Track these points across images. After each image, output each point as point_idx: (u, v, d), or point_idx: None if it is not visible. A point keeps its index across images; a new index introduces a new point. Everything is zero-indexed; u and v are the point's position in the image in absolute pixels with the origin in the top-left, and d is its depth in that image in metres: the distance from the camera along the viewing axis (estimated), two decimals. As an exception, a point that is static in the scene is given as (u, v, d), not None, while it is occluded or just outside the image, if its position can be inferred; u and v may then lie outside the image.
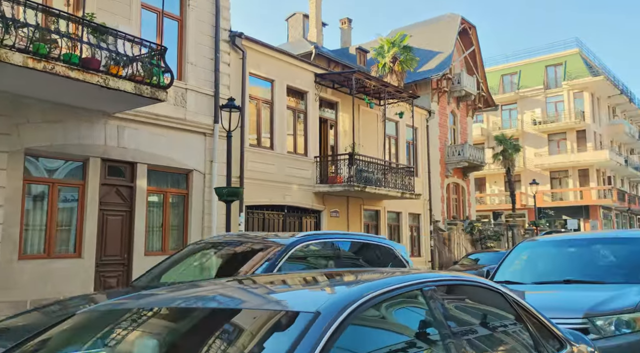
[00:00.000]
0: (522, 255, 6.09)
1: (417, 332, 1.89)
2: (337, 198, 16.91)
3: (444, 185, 29.92)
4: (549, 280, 5.31)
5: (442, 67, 30.05)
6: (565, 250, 5.87)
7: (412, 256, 20.85)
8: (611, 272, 5.28)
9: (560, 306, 4.54)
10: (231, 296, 1.91)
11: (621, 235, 6.03)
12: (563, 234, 6.47)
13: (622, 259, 5.47)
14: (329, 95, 17.35)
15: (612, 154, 41.60)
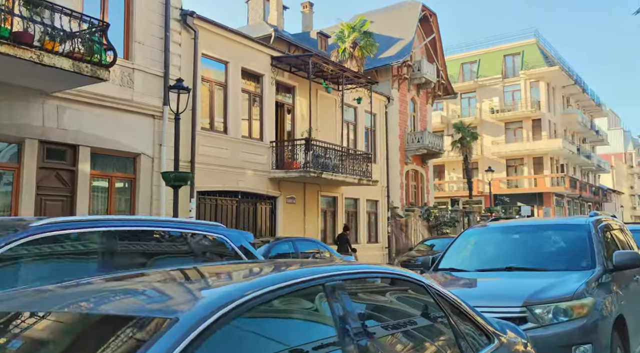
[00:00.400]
0: (468, 242, 6.01)
1: (312, 334, 1.66)
2: (293, 185, 16.66)
3: (403, 172, 30.10)
4: (493, 267, 5.24)
5: (403, 54, 30.04)
6: (510, 237, 5.82)
7: (370, 242, 20.91)
8: (553, 259, 5.25)
9: (500, 294, 4.45)
10: (80, 299, 1.61)
11: (563, 222, 6.02)
12: (508, 221, 6.43)
13: (564, 246, 5.46)
14: (286, 79, 16.98)
15: (565, 142, 42.87)
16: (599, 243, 5.16)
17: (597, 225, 5.55)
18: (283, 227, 16.15)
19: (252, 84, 15.91)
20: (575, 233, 5.47)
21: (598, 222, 5.68)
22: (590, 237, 5.22)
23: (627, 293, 5.09)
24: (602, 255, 5.05)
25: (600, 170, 54.80)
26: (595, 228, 5.43)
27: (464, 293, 4.72)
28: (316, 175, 15.31)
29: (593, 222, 5.54)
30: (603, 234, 5.63)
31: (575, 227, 5.59)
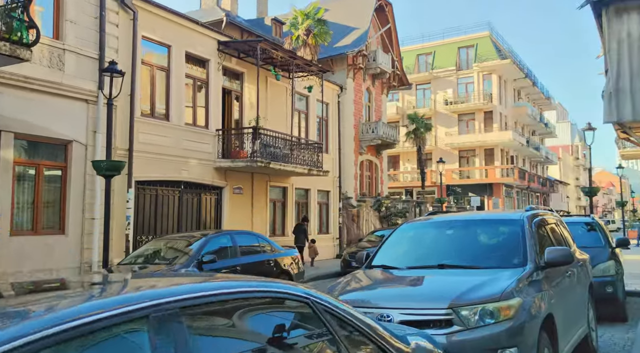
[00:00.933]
0: (403, 237, 5.78)
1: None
2: (241, 174, 16.18)
3: (358, 162, 30.03)
4: (424, 264, 5.02)
5: (358, 43, 29.81)
6: (444, 232, 5.62)
7: (321, 233, 20.69)
8: (486, 256, 5.08)
9: (426, 295, 4.23)
10: None
11: (498, 217, 5.88)
12: (445, 215, 6.24)
13: (497, 242, 5.30)
14: (234, 65, 16.40)
15: (515, 134, 43.93)
16: (532, 240, 5.02)
17: (532, 220, 5.42)
18: (229, 218, 15.67)
19: (198, 69, 15.26)
20: (509, 229, 5.32)
21: (533, 216, 5.55)
22: (524, 233, 5.07)
23: (558, 290, 4.98)
24: (535, 251, 4.90)
25: (548, 161, 56.64)
26: (530, 223, 5.29)
27: (390, 294, 4.49)
28: (264, 165, 14.89)
29: (527, 217, 5.40)
30: (537, 229, 5.50)
31: (509, 222, 5.44)
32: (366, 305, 4.18)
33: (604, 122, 12.93)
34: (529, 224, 5.27)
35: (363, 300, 4.32)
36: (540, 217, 5.82)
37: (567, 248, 4.88)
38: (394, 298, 4.24)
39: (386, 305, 4.08)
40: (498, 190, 42.78)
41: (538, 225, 5.61)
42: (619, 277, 8.65)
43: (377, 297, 4.35)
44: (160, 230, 13.42)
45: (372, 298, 4.33)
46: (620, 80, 12.73)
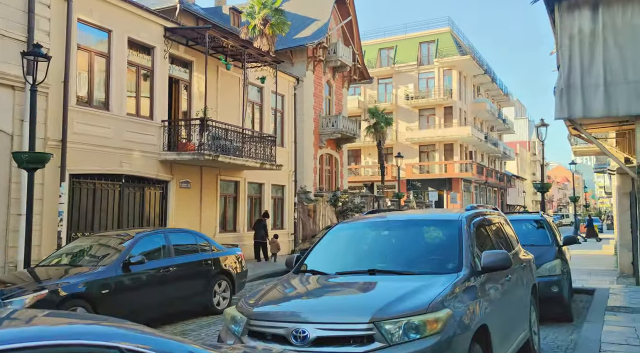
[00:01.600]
0: (336, 239, 5.35)
1: None
2: (188, 168, 15.46)
3: (317, 156, 29.65)
4: (355, 269, 4.60)
5: (318, 35, 29.33)
6: (380, 233, 5.22)
7: (275, 229, 20.16)
8: (420, 260, 4.70)
9: (347, 308, 3.80)
10: None
11: (436, 217, 5.51)
12: (384, 214, 5.84)
13: (434, 245, 4.92)
14: (182, 53, 15.62)
15: (474, 130, 44.43)
16: (469, 242, 4.66)
17: (471, 220, 5.07)
18: (176, 214, 14.96)
19: (142, 56, 14.43)
20: (446, 231, 4.95)
21: (472, 217, 5.21)
22: (460, 235, 4.72)
23: (496, 296, 4.65)
24: (472, 255, 4.55)
25: (506, 157, 57.71)
26: (468, 224, 4.94)
27: (308, 305, 4.03)
28: (211, 158, 14.24)
29: (466, 218, 5.05)
30: (477, 231, 5.17)
31: (446, 224, 5.07)
32: (281, 319, 3.73)
33: (555, 119, 12.87)
34: (467, 225, 4.92)
35: (279, 313, 3.86)
36: (481, 217, 5.49)
37: (505, 252, 4.54)
38: (312, 310, 3.80)
39: (302, 319, 3.64)
40: (457, 185, 43.23)
41: (478, 226, 5.28)
42: (565, 276, 8.50)
43: (295, 309, 3.89)
44: (99, 227, 12.63)
45: (289, 311, 3.87)
46: (571, 76, 12.68)
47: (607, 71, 12.07)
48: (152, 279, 7.94)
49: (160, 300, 7.97)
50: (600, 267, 16.21)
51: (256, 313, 3.85)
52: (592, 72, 12.25)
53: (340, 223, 5.61)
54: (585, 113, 12.15)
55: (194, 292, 8.60)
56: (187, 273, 8.57)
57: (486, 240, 5.43)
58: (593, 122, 13.68)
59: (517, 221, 10.30)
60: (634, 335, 6.76)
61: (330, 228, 5.59)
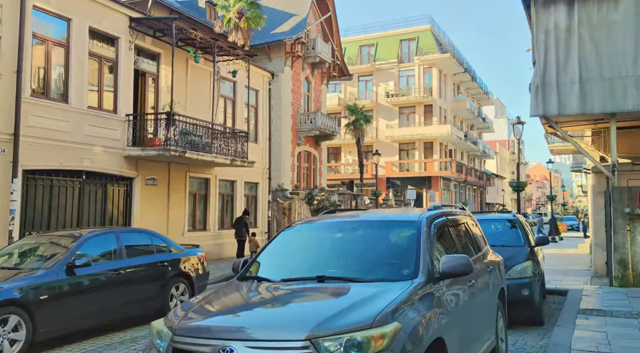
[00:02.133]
0: (288, 241, 4.91)
1: None
2: (155, 164, 14.88)
3: (295, 153, 29.21)
4: (302, 276, 4.17)
5: (297, 30, 28.89)
6: (333, 235, 4.79)
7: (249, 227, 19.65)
8: (374, 266, 4.28)
9: (284, 322, 3.36)
10: None
11: (395, 217, 5.10)
12: (342, 214, 5.41)
13: (390, 249, 4.51)
14: (149, 45, 15.00)
15: (453, 128, 44.39)
16: (428, 245, 4.27)
17: (432, 221, 4.68)
18: (141, 212, 14.37)
19: (105, 47, 13.79)
20: (404, 233, 4.55)
21: (434, 217, 4.81)
22: (419, 238, 4.32)
23: (456, 305, 4.27)
24: (430, 259, 4.16)
25: (485, 156, 57.91)
26: (428, 225, 4.54)
27: (240, 319, 3.56)
28: (178, 154, 13.68)
29: (427, 218, 4.65)
30: (439, 233, 4.78)
31: (405, 225, 4.67)
32: (207, 335, 3.27)
33: (531, 116, 12.60)
34: (427, 227, 4.53)
35: (205, 328, 3.40)
36: (444, 217, 5.10)
37: (465, 256, 4.14)
38: (244, 326, 3.35)
39: (231, 336, 3.19)
40: (436, 184, 43.15)
41: (440, 227, 4.89)
42: (536, 278, 8.19)
43: (224, 324, 3.44)
44: (56, 226, 12.00)
45: (217, 326, 3.42)
46: (546, 72, 12.40)
47: (583, 68, 11.86)
48: (100, 283, 7.41)
49: (109, 306, 7.44)
50: (575, 267, 16.10)
51: (181, 328, 3.39)
52: (568, 68, 12.02)
53: (294, 224, 5.17)
54: (560, 110, 11.91)
55: (147, 296, 8.09)
56: (140, 276, 8.05)
57: (450, 242, 5.06)
58: (568, 119, 13.49)
59: (489, 221, 10.02)
60: (605, 340, 6.46)
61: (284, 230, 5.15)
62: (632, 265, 11.69)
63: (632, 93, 11.46)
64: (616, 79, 11.67)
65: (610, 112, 11.79)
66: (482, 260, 5.74)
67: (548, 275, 13.98)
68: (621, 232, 11.89)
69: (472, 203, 53.78)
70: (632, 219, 11.74)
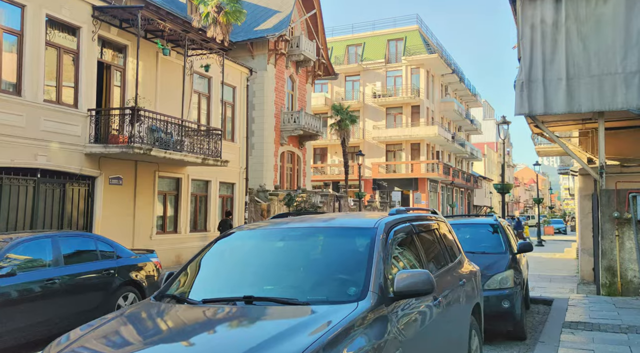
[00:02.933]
0: (221, 251, 4.14)
1: None
2: (120, 163, 14.02)
3: (278, 153, 28.47)
4: (229, 295, 3.40)
5: (280, 27, 28.14)
6: (275, 245, 4.03)
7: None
8: (318, 283, 3.53)
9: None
10: None
11: (348, 224, 4.30)
12: (289, 219, 4.64)
13: (337, 262, 3.74)
14: (115, 36, 14.15)
15: (441, 129, 43.85)
16: (381, 258, 3.52)
17: (391, 228, 3.93)
18: (104, 213, 13.50)
19: (65, 37, 12.92)
20: (356, 242, 3.80)
21: (394, 223, 4.07)
22: (372, 249, 3.57)
23: (417, 331, 3.53)
24: (383, 276, 3.41)
25: (473, 158, 57.50)
26: (386, 233, 3.80)
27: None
28: (143, 151, 12.84)
29: (385, 224, 3.90)
30: (399, 242, 4.04)
31: (357, 233, 3.91)
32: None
33: (515, 115, 11.90)
34: (384, 235, 3.78)
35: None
36: (407, 223, 4.36)
37: (425, 272, 3.40)
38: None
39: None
40: (423, 185, 42.57)
41: (402, 236, 4.15)
42: (518, 288, 7.49)
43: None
44: (6, 228, 11.11)
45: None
46: (532, 69, 11.71)
47: (570, 64, 11.24)
48: (31, 295, 6.58)
49: (40, 320, 6.62)
50: (561, 273, 15.49)
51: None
52: (554, 65, 11.40)
53: (233, 231, 4.39)
54: (546, 109, 11.27)
55: (89, 308, 7.26)
56: (80, 285, 7.22)
57: (414, 253, 4.32)
58: (555, 119, 12.87)
59: (468, 226, 9.33)
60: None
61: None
62: (621, 273, 11.07)
63: (621, 91, 10.86)
64: (605, 75, 11.08)
65: (599, 111, 11.18)
66: (454, 272, 5.02)
67: (533, 281, 13.36)
68: (609, 237, 11.28)
69: (459, 205, 53.32)
70: (620, 224, 11.13)
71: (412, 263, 4.14)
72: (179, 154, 14.17)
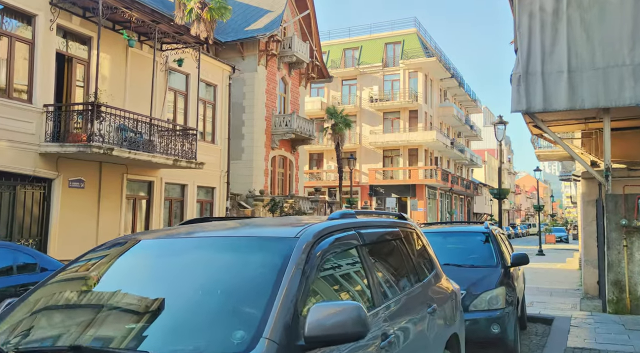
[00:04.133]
0: (74, 275, 2.94)
1: None
2: (82, 164, 12.87)
3: (269, 157, 27.41)
4: (51, 344, 2.24)
5: (271, 27, 27.11)
6: (148, 265, 2.85)
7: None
8: (191, 323, 2.33)
9: None
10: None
11: (265, 233, 3.04)
12: (198, 226, 3.43)
13: (233, 288, 2.54)
14: (78, 27, 13.05)
15: (439, 135, 42.73)
16: (295, 285, 2.35)
17: (320, 240, 2.76)
18: (62, 219, 12.33)
19: (18, 25, 11.83)
20: (263, 261, 2.61)
21: (326, 233, 2.88)
22: (281, 272, 2.40)
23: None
24: (291, 314, 2.24)
25: (473, 164, 56.30)
26: (309, 248, 2.62)
27: None
28: (103, 151, 11.69)
29: (313, 234, 2.73)
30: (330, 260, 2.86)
31: (268, 247, 2.73)
32: None
33: (512, 112, 10.71)
34: (308, 249, 2.61)
35: None
36: (350, 232, 3.17)
37: (354, 307, 2.22)
38: None
39: None
40: (421, 192, 41.39)
41: (341, 249, 2.98)
42: (511, 309, 6.29)
43: None
44: (-57, 234, 9.96)
45: None
46: (530, 61, 10.52)
47: (572, 55, 10.13)
48: None
49: None
50: (563, 286, 14.27)
51: None
52: (555, 56, 10.28)
53: (100, 246, 3.19)
54: (545, 105, 10.13)
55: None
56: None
57: (357, 275, 3.13)
58: (555, 118, 11.73)
59: (455, 235, 8.15)
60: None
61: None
62: (630, 288, 9.86)
63: (629, 84, 9.73)
64: (611, 68, 9.97)
65: (604, 107, 10.04)
66: (422, 296, 3.84)
67: (531, 295, 12.17)
68: (616, 248, 10.08)
69: (458, 213, 52.07)
70: (629, 232, 9.94)
71: (349, 290, 2.96)
72: (145, 154, 13.03)
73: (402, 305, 3.39)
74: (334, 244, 2.88)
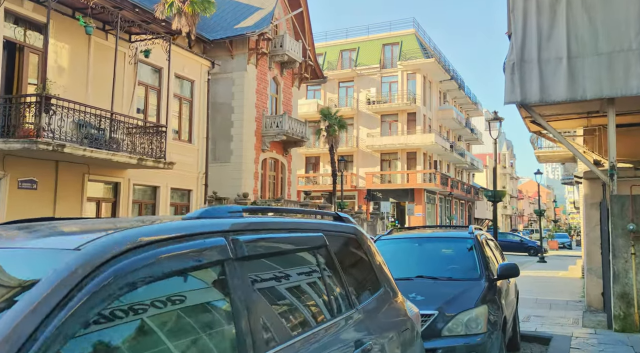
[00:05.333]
0: None
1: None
2: (35, 162, 11.75)
3: (260, 160, 26.33)
4: None
5: (261, 25, 26.04)
6: None
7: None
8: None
9: None
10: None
11: (36, 245, 1.97)
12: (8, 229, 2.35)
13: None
14: (30, 12, 11.96)
15: (438, 138, 41.54)
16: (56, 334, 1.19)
17: (110, 263, 1.56)
18: (9, 222, 11.19)
19: (-40, 9, 10.77)
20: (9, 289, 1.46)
21: (126, 250, 1.64)
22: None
23: None
24: None
25: (473, 168, 55.02)
26: (80, 279, 1.43)
27: None
28: (52, 148, 10.55)
29: (107, 250, 1.56)
30: (122, 304, 1.65)
31: (24, 270, 1.57)
32: None
33: (505, 103, 9.47)
34: (79, 277, 1.44)
35: None
36: (212, 238, 1.99)
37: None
38: None
39: None
40: (420, 196, 40.16)
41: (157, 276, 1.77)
42: (495, 333, 5.08)
43: None
44: None
45: None
46: (525, 47, 9.30)
47: (572, 40, 8.98)
48: None
49: None
50: (564, 296, 13.03)
51: None
52: (553, 41, 9.12)
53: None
54: (542, 96, 8.96)
55: None
56: None
57: (213, 313, 1.94)
58: (554, 111, 10.55)
59: (433, 240, 6.94)
60: None
61: None
62: (638, 302, 8.64)
63: (636, 71, 8.57)
64: (616, 53, 8.81)
65: (608, 97, 8.88)
66: (346, 332, 2.65)
67: (528, 308, 10.95)
68: (623, 256, 8.86)
69: (459, 218, 50.78)
70: (637, 239, 8.72)
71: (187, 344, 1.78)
72: (104, 152, 11.88)
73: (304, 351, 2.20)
74: (153, 263, 1.68)
